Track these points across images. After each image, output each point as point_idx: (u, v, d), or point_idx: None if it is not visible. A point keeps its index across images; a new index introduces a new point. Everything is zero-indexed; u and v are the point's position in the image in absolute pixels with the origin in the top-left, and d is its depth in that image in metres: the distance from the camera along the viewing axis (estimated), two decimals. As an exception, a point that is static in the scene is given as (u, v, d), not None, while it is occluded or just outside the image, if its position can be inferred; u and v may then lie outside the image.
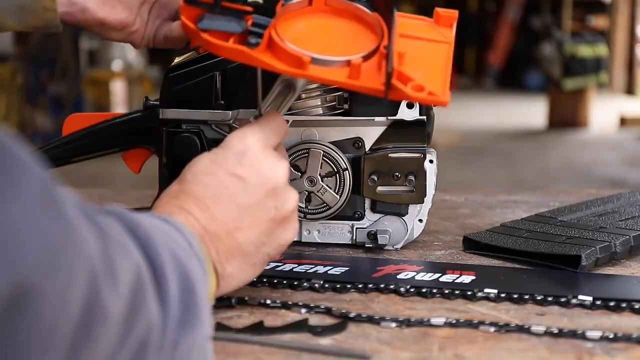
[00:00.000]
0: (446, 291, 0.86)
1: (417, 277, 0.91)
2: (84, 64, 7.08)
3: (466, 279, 0.90)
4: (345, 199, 1.01)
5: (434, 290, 0.86)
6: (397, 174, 1.01)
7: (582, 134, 7.93)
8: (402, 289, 0.87)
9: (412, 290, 0.87)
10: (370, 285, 0.88)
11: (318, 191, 1.01)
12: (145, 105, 1.03)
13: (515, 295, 0.85)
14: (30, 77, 6.72)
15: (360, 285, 0.88)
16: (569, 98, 8.13)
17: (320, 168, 1.01)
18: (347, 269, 0.94)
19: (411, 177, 1.01)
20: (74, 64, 6.88)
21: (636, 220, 1.07)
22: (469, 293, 0.86)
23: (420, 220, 1.04)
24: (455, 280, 0.90)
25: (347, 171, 1.01)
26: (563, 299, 0.84)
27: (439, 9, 0.91)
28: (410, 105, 1.00)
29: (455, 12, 0.90)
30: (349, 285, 0.88)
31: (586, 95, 8.21)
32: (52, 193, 0.47)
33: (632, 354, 0.72)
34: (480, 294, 0.85)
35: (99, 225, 0.52)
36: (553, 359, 0.71)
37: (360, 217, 1.04)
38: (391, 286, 0.88)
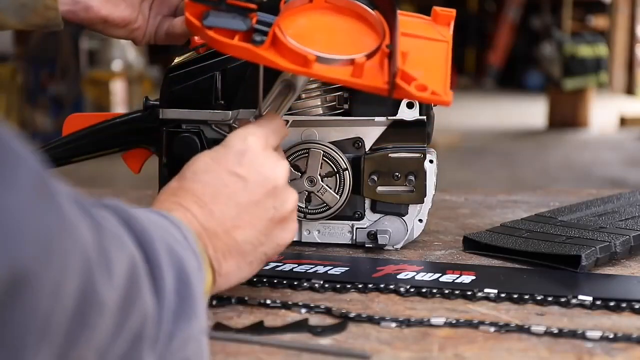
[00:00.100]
0: (446, 291, 0.86)
1: (417, 277, 0.91)
2: (84, 64, 7.07)
3: (466, 279, 0.90)
4: (345, 199, 1.01)
5: (434, 290, 0.86)
6: (397, 174, 1.01)
7: (582, 134, 7.93)
8: (402, 289, 0.87)
9: (412, 290, 0.87)
10: (370, 285, 0.88)
11: (318, 191, 1.01)
12: (145, 105, 1.04)
13: (515, 295, 0.85)
14: (30, 77, 6.72)
15: (360, 285, 0.88)
16: (569, 98, 8.13)
17: (320, 168, 1.01)
18: (347, 269, 0.94)
19: (411, 177, 1.01)
20: (74, 64, 6.87)
21: (636, 220, 1.07)
22: (469, 293, 0.86)
23: (420, 220, 1.04)
24: (455, 280, 0.90)
25: (347, 171, 1.01)
26: (563, 299, 0.84)
27: (437, 8, 0.91)
28: (410, 105, 1.00)
29: (453, 11, 0.91)
30: (349, 285, 0.88)
31: (586, 95, 8.21)
32: (47, 184, 0.47)
33: (632, 354, 0.72)
34: (480, 294, 0.85)
35: (94, 217, 0.53)
36: (553, 359, 0.71)
37: (360, 217, 1.04)
38: (391, 286, 0.88)
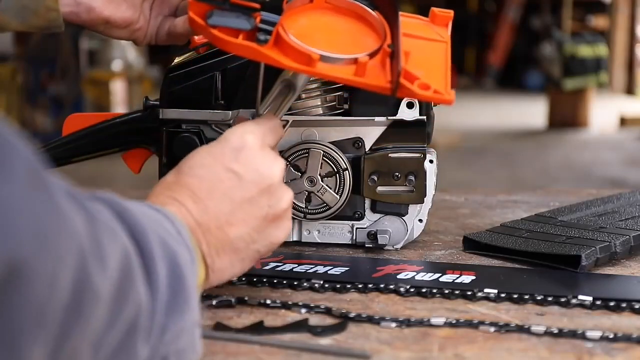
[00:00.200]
0: (446, 291, 0.86)
1: (417, 277, 0.91)
2: (84, 64, 7.07)
3: (466, 279, 0.90)
4: (345, 199, 1.01)
5: (434, 290, 0.86)
6: (397, 174, 1.01)
7: (582, 134, 7.93)
8: (402, 289, 0.87)
9: (412, 290, 0.87)
10: (370, 285, 0.88)
11: (318, 191, 1.01)
12: (145, 105, 1.04)
13: (515, 295, 0.85)
14: (30, 77, 6.72)
15: (360, 285, 0.88)
16: (569, 98, 8.13)
17: (320, 168, 1.01)
18: (347, 269, 0.94)
19: (411, 177, 1.01)
20: (74, 64, 6.87)
21: (636, 220, 1.07)
22: (469, 293, 0.86)
23: (420, 220, 1.04)
24: (455, 280, 0.90)
25: (347, 171, 1.01)
26: (563, 299, 0.84)
27: (435, 9, 0.92)
28: (410, 105, 1.00)
29: (451, 12, 0.92)
30: (349, 285, 0.88)
31: (586, 95, 8.21)
32: (41, 176, 0.48)
33: (632, 354, 0.72)
34: (480, 294, 0.85)
35: (87, 209, 0.53)
36: (553, 359, 0.71)
37: (360, 217, 1.04)
38: (391, 286, 0.88)
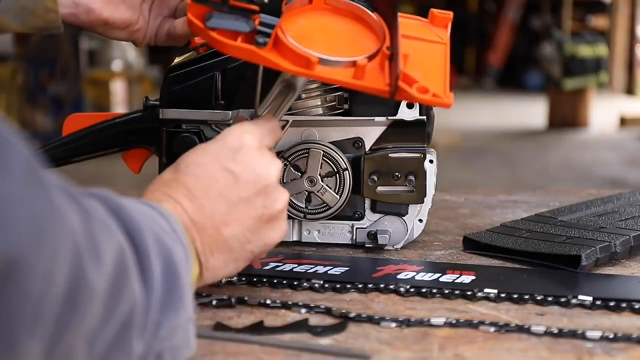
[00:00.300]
0: (446, 291, 0.86)
1: (417, 277, 0.91)
2: (84, 64, 7.07)
3: (466, 279, 0.90)
4: (345, 199, 1.01)
5: (434, 290, 0.86)
6: (397, 174, 1.01)
7: (582, 134, 7.93)
8: (402, 289, 0.87)
9: (412, 290, 0.87)
10: (370, 285, 0.88)
11: (318, 191, 1.01)
12: (145, 105, 1.04)
13: (515, 295, 0.85)
14: (30, 77, 6.72)
15: (360, 285, 0.88)
16: (569, 98, 8.13)
17: (320, 168, 1.01)
18: (347, 269, 0.94)
19: (411, 177, 1.01)
20: (74, 64, 6.87)
21: (636, 220, 1.07)
22: (469, 293, 0.86)
23: (420, 220, 1.04)
24: (455, 280, 0.90)
25: (347, 171, 1.01)
26: (563, 299, 0.84)
27: (434, 10, 0.92)
28: (410, 105, 1.00)
29: (450, 14, 0.92)
30: (349, 285, 0.88)
31: (586, 95, 8.21)
32: (37, 172, 0.48)
33: (632, 354, 0.72)
34: (480, 294, 0.85)
35: (82, 206, 0.53)
36: (553, 359, 0.71)
37: (360, 217, 1.04)
38: (391, 286, 0.88)
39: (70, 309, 0.50)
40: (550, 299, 0.84)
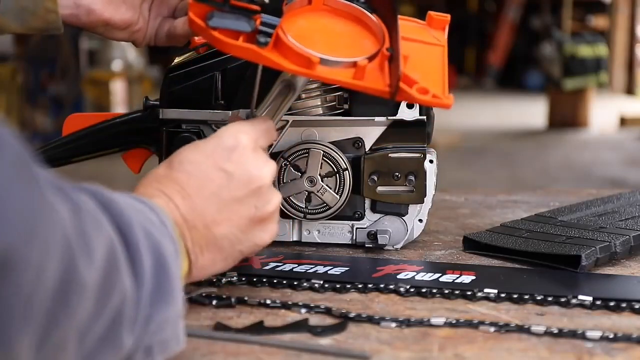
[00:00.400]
0: (446, 291, 0.86)
1: (417, 277, 0.91)
2: (84, 64, 7.07)
3: (466, 279, 0.90)
4: (345, 199, 1.01)
5: (434, 290, 0.86)
6: (397, 174, 1.01)
7: (582, 134, 7.93)
8: (402, 289, 0.87)
9: (412, 290, 0.87)
10: (370, 285, 0.88)
11: (318, 191, 1.01)
12: (145, 105, 1.04)
13: (515, 295, 0.85)
14: (30, 77, 6.72)
15: (360, 285, 0.88)
16: (569, 98, 8.13)
17: (320, 168, 1.01)
18: (347, 269, 0.94)
19: (411, 177, 1.01)
20: (74, 64, 6.87)
21: (636, 220, 1.07)
22: (469, 293, 0.86)
23: (420, 220, 1.04)
24: (455, 280, 0.90)
25: (347, 171, 1.01)
26: (563, 299, 0.84)
27: (432, 12, 0.93)
28: (410, 105, 1.00)
29: (448, 16, 0.93)
30: (349, 285, 0.88)
31: (586, 95, 8.21)
32: (29, 167, 0.49)
33: (632, 354, 0.72)
34: (480, 294, 0.85)
35: (73, 200, 0.54)
36: (553, 359, 0.71)
37: (360, 217, 1.04)
38: (391, 286, 0.88)
39: (61, 303, 0.50)
40: (550, 299, 0.84)
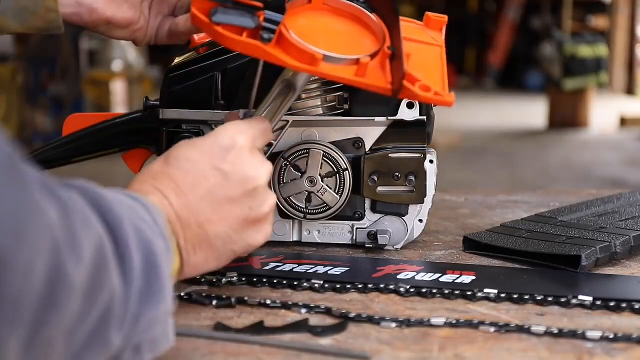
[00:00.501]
0: (446, 291, 0.86)
1: (417, 277, 0.91)
2: (84, 64, 7.07)
3: (466, 279, 0.90)
4: (345, 199, 1.01)
5: (434, 290, 0.86)
6: (397, 174, 1.01)
7: (582, 134, 7.93)
8: (402, 289, 0.87)
9: (412, 290, 0.87)
10: (370, 285, 0.88)
11: (318, 191, 1.01)
12: (145, 105, 1.04)
13: (515, 295, 0.85)
14: (30, 77, 6.72)
15: (360, 285, 0.88)
16: (569, 98, 8.13)
17: (320, 168, 1.01)
18: (347, 269, 0.94)
19: (411, 177, 1.01)
20: (74, 64, 6.87)
21: (636, 220, 1.07)
22: (469, 293, 0.86)
23: (420, 220, 1.04)
24: (455, 280, 0.90)
25: (347, 171, 1.01)
26: (563, 299, 0.84)
27: (429, 13, 0.94)
28: (410, 105, 1.00)
29: (445, 17, 0.94)
30: (349, 285, 0.88)
31: (586, 95, 8.21)
32: (17, 167, 0.48)
33: (632, 354, 0.72)
34: (480, 294, 0.85)
35: (60, 198, 0.53)
36: (553, 359, 0.71)
37: (360, 217, 1.04)
38: (391, 286, 0.88)
39: (49, 303, 0.50)
40: (550, 299, 0.84)
